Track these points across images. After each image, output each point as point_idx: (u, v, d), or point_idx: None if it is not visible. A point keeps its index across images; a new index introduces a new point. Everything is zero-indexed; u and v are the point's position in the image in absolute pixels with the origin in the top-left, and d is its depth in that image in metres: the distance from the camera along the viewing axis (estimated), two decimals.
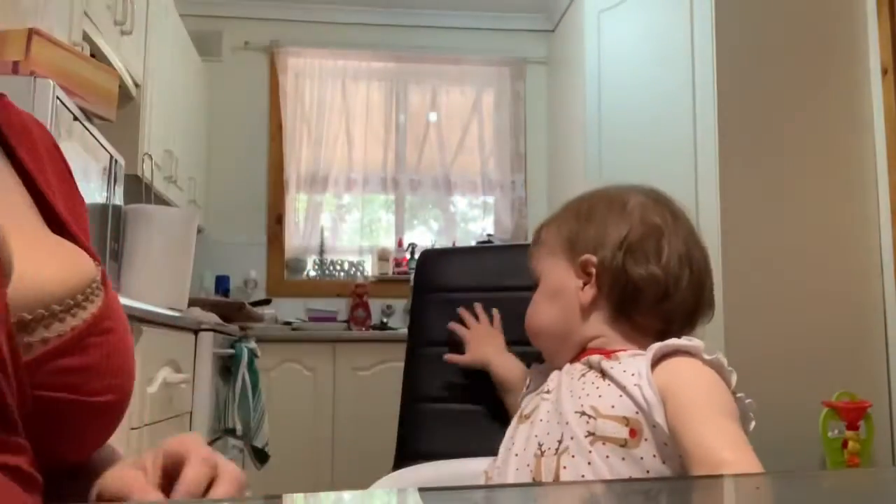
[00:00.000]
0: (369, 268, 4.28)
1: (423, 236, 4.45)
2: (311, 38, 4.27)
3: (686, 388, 0.77)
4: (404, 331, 1.97)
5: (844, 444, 2.46)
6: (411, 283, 1.39)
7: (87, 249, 0.62)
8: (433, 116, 4.40)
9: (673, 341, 0.81)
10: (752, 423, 0.80)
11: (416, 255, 4.05)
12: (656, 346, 0.80)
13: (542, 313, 0.92)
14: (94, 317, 0.55)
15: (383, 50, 4.33)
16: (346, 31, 4.31)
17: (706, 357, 0.80)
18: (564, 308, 0.90)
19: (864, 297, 2.71)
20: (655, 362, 0.79)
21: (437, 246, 4.19)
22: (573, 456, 0.77)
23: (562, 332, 0.90)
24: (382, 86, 4.37)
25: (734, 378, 0.80)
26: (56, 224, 0.62)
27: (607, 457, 0.76)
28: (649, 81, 3.11)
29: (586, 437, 0.77)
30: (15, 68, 1.74)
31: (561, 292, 0.91)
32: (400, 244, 4.32)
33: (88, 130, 2.00)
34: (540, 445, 0.80)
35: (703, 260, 0.91)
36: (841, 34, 2.84)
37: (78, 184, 0.71)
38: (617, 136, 3.27)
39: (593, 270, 0.88)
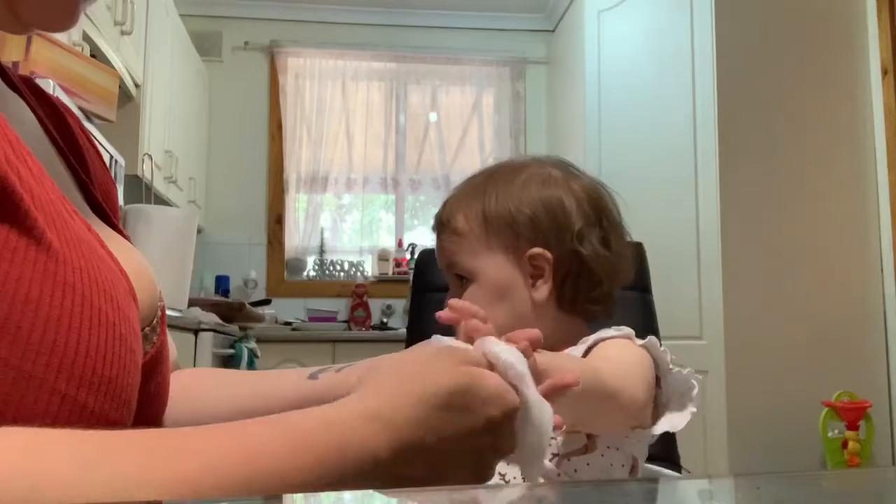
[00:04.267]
0: (369, 268, 4.28)
1: (423, 236, 4.45)
2: (311, 38, 4.27)
3: (600, 353, 0.74)
4: (404, 331, 1.97)
5: (844, 444, 2.46)
6: (411, 284, 1.39)
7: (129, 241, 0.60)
8: (433, 116, 4.40)
9: (603, 333, 0.77)
10: (695, 390, 0.73)
11: (416, 255, 4.04)
12: (591, 340, 0.76)
13: (490, 317, 0.82)
14: (159, 345, 0.55)
15: (383, 50, 4.33)
16: (345, 31, 4.31)
17: (638, 341, 0.76)
18: (514, 309, 0.80)
19: (865, 296, 2.71)
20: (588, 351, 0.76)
21: None
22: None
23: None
24: (382, 86, 4.37)
25: (668, 356, 0.75)
26: (98, 212, 0.59)
27: (575, 471, 0.74)
28: (649, 81, 3.11)
29: (551, 459, 0.73)
30: (15, 68, 1.74)
31: (508, 291, 0.80)
32: (400, 244, 4.32)
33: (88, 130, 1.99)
34: (502, 475, 0.74)
35: (626, 229, 0.85)
36: (841, 34, 2.84)
37: None
38: (617, 136, 3.27)
39: (546, 265, 0.80)
